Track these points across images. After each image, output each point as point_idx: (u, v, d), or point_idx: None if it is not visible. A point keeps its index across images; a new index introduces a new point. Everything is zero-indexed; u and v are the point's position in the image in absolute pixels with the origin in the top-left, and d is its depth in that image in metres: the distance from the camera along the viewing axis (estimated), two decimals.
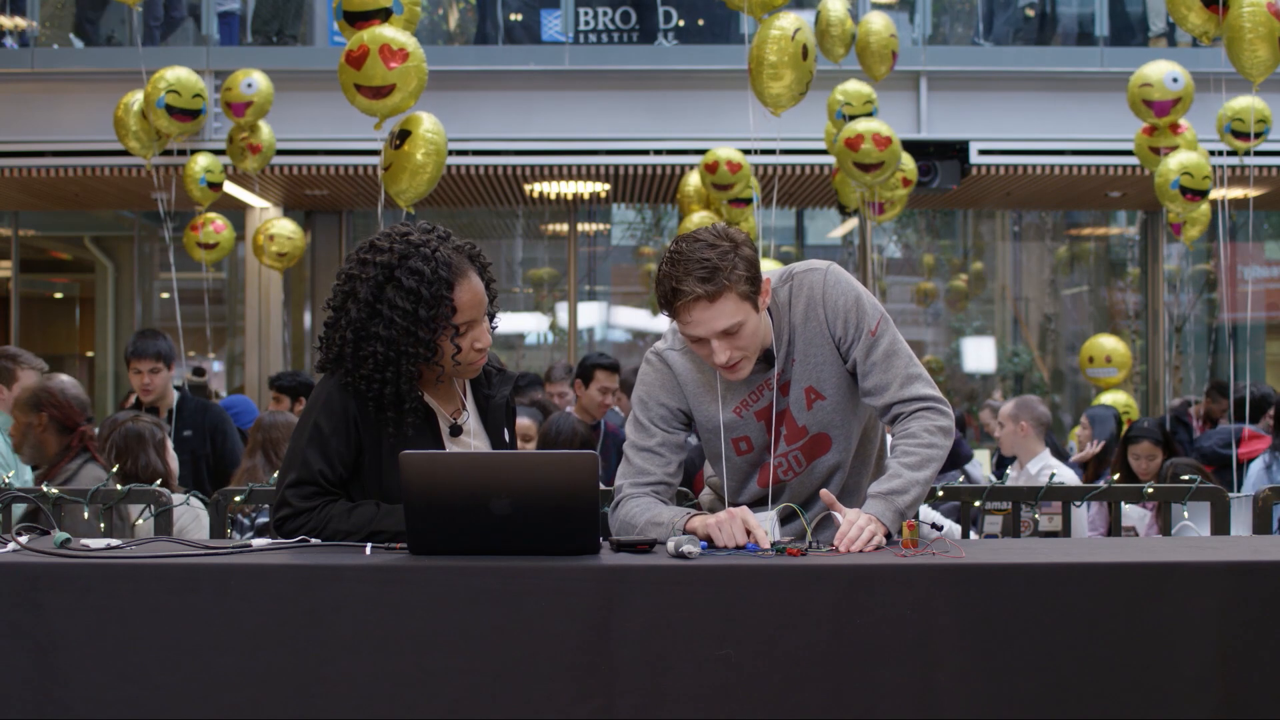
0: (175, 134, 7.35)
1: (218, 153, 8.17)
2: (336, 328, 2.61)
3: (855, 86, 7.49)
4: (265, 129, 7.84)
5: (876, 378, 2.70)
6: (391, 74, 5.58)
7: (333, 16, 9.96)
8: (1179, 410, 8.13)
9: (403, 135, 5.95)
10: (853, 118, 7.28)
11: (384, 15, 5.71)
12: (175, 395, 5.47)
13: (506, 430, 2.85)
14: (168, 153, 8.10)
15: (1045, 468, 5.41)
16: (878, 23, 7.35)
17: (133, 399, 5.75)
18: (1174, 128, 7.29)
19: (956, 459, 6.00)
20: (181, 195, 8.09)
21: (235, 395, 9.47)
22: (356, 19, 5.73)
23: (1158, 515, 4.91)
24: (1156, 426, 5.83)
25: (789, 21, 5.95)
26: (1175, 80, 6.91)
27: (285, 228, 8.67)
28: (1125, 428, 6.35)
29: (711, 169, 8.06)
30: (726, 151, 8.07)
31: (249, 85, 7.59)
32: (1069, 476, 5.30)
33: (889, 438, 2.85)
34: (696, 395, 2.79)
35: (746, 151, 7.90)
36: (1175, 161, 7.23)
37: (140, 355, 5.36)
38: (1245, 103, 6.78)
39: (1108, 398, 8.37)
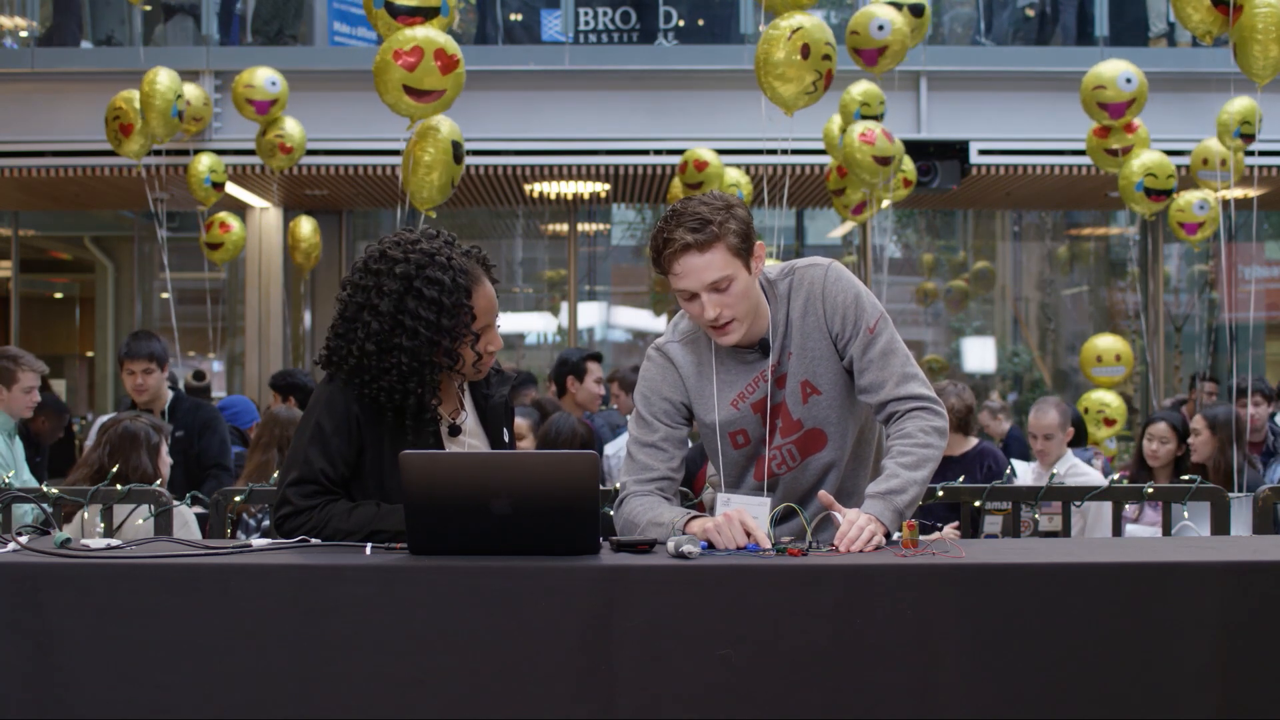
0: (165, 136, 7.33)
1: (220, 152, 8.17)
2: (352, 339, 2.60)
3: (871, 87, 7.49)
4: (296, 127, 7.84)
5: (873, 375, 2.71)
6: (442, 80, 5.65)
7: (334, 14, 10.01)
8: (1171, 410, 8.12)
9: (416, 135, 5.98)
10: (868, 118, 7.33)
11: (428, 14, 5.71)
12: (169, 396, 5.43)
13: (506, 430, 2.86)
14: (171, 153, 8.10)
15: (1072, 469, 5.34)
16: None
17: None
18: (1127, 127, 7.28)
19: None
20: (182, 195, 8.09)
21: (234, 395, 9.47)
22: (399, 13, 5.70)
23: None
24: (1179, 417, 5.75)
25: (790, 21, 5.91)
26: (1129, 81, 6.88)
27: (308, 228, 8.83)
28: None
29: (682, 169, 8.19)
30: (704, 152, 8.17)
31: (273, 84, 7.59)
32: (1096, 478, 5.24)
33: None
34: (697, 387, 2.81)
35: (747, 152, 7.92)
36: (1138, 163, 7.22)
37: (134, 356, 5.34)
38: (1244, 104, 6.76)
39: (1097, 396, 8.38)
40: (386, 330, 2.56)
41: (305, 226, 8.94)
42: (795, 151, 8.77)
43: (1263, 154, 8.40)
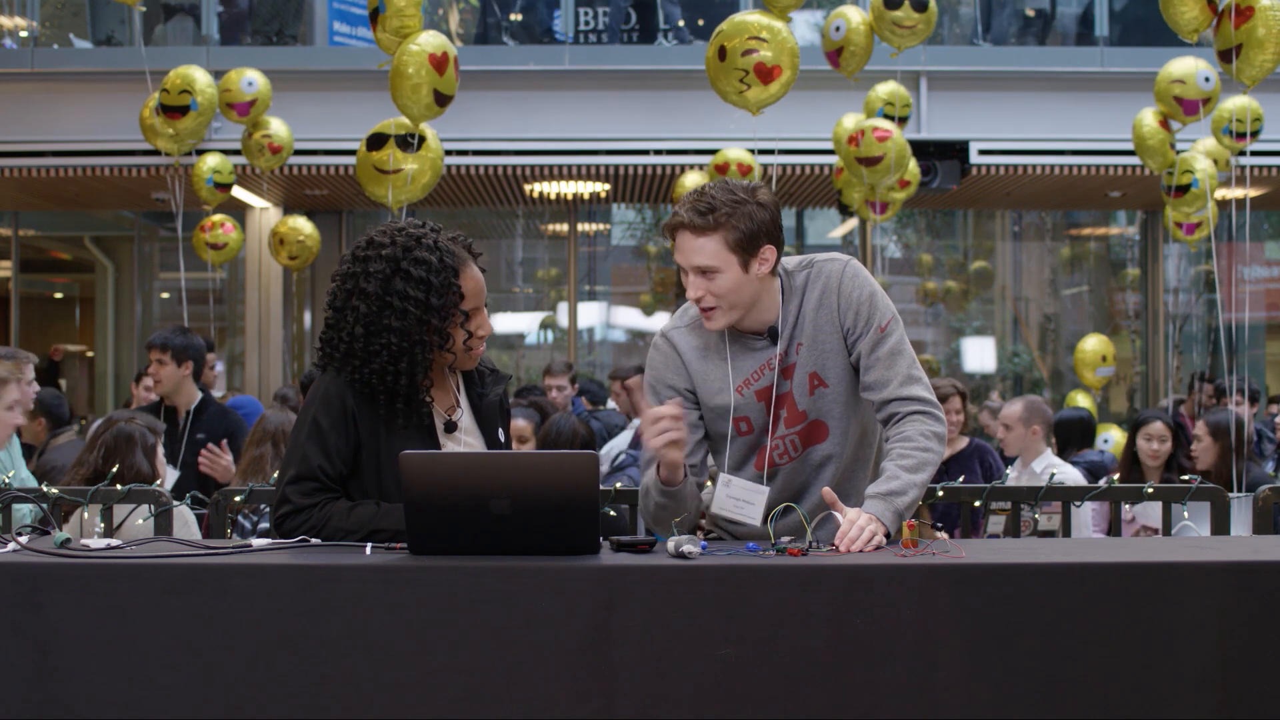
0: (184, 136, 7.31)
1: (224, 153, 8.17)
2: (342, 326, 2.61)
3: (895, 87, 7.50)
4: (282, 127, 7.83)
5: (878, 373, 2.72)
6: (454, 85, 5.80)
7: (334, 14, 10.02)
8: (1171, 411, 8.14)
9: (419, 140, 6.01)
10: (890, 117, 7.33)
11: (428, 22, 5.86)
12: (198, 397, 5.36)
13: (501, 430, 2.86)
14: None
15: (1049, 467, 5.38)
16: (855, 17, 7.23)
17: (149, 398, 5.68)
18: (1164, 124, 7.28)
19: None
20: (187, 195, 8.09)
21: (243, 396, 9.45)
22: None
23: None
24: (1169, 416, 5.77)
25: (727, 24, 5.96)
26: (1208, 80, 6.85)
27: (305, 226, 8.73)
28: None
29: (722, 170, 8.09)
30: (737, 153, 8.08)
31: (249, 84, 7.58)
32: (1073, 476, 5.28)
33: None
34: (701, 372, 2.81)
35: (753, 151, 7.91)
36: (1202, 153, 7.21)
37: (149, 345, 5.34)
38: (1241, 103, 6.75)
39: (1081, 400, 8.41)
40: (374, 312, 2.57)
41: (304, 225, 8.88)
42: (797, 151, 8.80)
43: (1262, 154, 8.39)
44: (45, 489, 3.37)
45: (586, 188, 10.85)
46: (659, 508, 2.69)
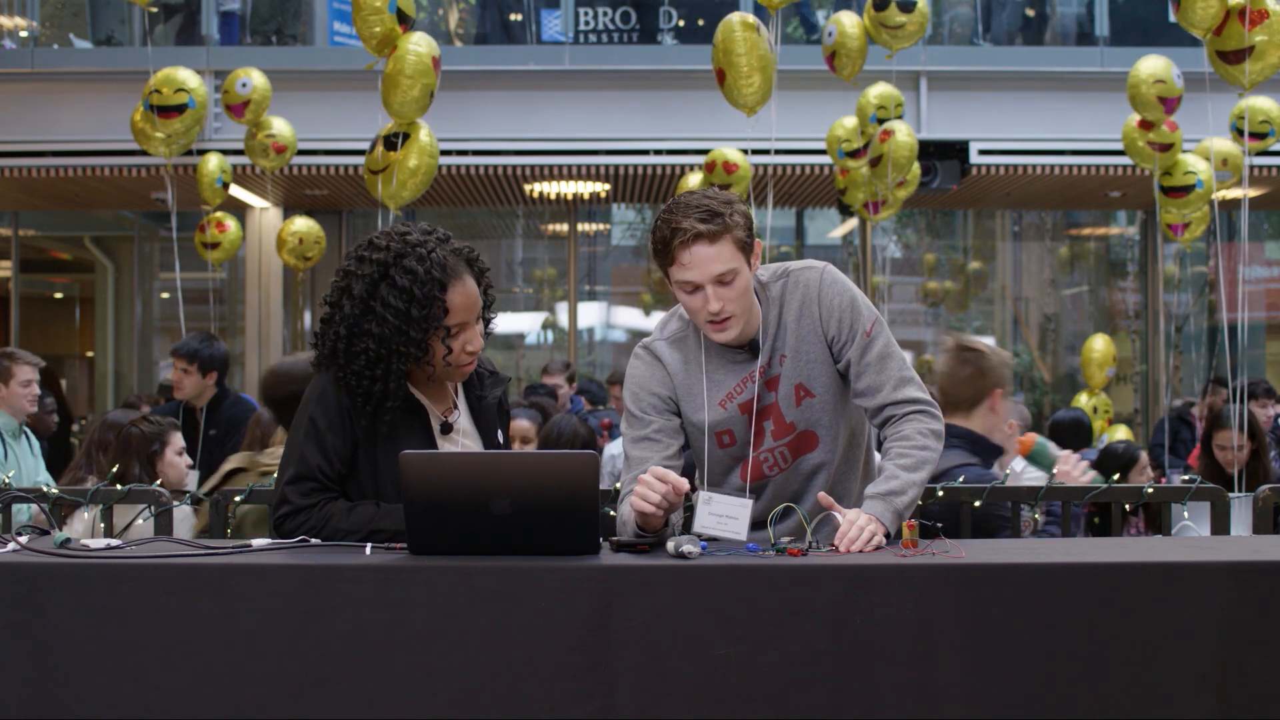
0: (176, 134, 7.30)
1: (222, 152, 8.16)
2: (331, 323, 2.63)
3: (886, 89, 7.53)
4: (286, 127, 7.82)
5: (870, 379, 2.71)
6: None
7: (334, 14, 10.03)
8: (1181, 410, 8.14)
9: (403, 138, 6.00)
10: (883, 120, 7.35)
11: (411, 23, 5.92)
12: (213, 393, 5.50)
13: (500, 432, 2.86)
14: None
15: (1026, 466, 5.38)
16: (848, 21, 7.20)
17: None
18: (1169, 124, 7.27)
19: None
20: (183, 195, 8.08)
21: (240, 395, 9.44)
22: (404, 20, 5.88)
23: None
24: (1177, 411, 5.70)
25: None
26: (1179, 77, 6.88)
27: (315, 228, 8.72)
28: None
29: (710, 169, 8.12)
30: (726, 152, 8.10)
31: (243, 85, 7.58)
32: (1040, 478, 5.26)
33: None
34: (684, 386, 2.79)
35: (745, 151, 7.93)
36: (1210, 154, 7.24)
37: (174, 352, 5.54)
38: (1258, 103, 6.74)
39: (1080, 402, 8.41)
40: (358, 315, 2.58)
41: (315, 227, 8.86)
42: (797, 151, 8.80)
43: (1262, 154, 8.38)
44: (45, 489, 3.37)
45: (586, 188, 10.85)
46: (624, 528, 2.66)
